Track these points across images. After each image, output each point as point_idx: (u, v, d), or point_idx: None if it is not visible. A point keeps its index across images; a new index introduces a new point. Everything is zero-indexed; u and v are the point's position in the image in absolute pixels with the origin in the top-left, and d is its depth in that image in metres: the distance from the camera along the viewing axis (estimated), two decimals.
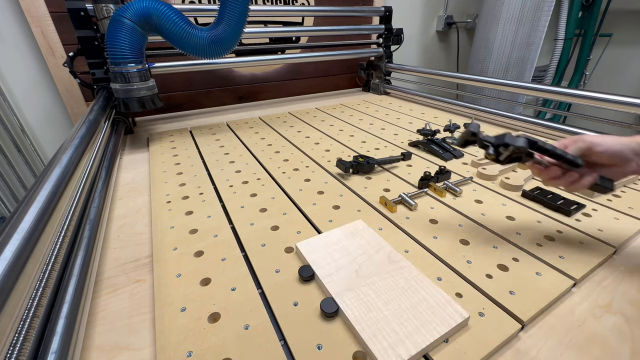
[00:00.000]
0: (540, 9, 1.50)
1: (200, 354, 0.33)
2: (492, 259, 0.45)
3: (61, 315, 0.31)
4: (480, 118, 1.10)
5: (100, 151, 0.70)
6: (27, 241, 0.29)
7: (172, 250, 0.48)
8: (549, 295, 0.39)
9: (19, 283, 0.25)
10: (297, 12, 1.29)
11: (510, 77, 1.63)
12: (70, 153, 0.49)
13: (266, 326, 0.36)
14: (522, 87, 0.97)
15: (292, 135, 0.98)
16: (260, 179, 0.70)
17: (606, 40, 2.14)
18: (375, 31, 1.47)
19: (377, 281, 0.40)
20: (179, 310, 0.38)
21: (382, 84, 1.53)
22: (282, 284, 0.42)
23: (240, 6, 0.79)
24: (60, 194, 0.39)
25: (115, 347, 0.35)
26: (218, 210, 0.59)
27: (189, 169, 0.76)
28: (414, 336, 0.33)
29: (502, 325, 0.35)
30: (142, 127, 1.13)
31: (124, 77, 0.82)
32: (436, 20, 1.92)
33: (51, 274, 0.34)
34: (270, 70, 1.45)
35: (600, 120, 0.92)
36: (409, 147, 0.87)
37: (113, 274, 0.45)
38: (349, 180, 0.69)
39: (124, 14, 0.75)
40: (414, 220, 0.55)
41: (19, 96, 1.08)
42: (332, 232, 0.50)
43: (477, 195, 0.62)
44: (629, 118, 2.01)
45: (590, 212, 0.56)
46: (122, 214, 0.59)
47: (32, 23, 0.98)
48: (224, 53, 0.85)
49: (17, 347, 0.24)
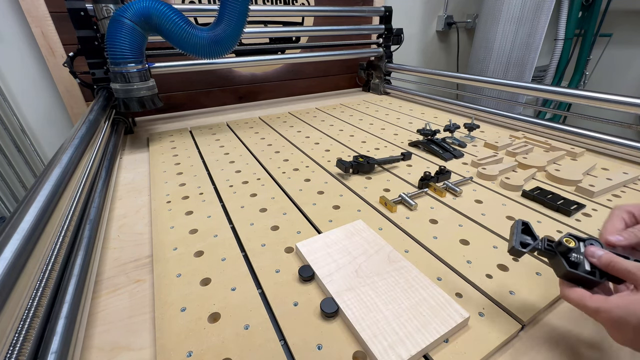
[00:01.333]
0: (540, 9, 1.50)
1: (200, 354, 0.33)
2: (492, 259, 0.45)
3: (61, 315, 0.31)
4: (480, 118, 1.10)
5: (100, 151, 0.70)
6: (27, 241, 0.29)
7: (172, 250, 0.48)
8: (549, 295, 0.39)
9: (19, 283, 0.25)
10: (297, 12, 1.29)
11: (510, 77, 1.63)
12: (70, 153, 0.49)
13: (266, 326, 0.36)
14: (522, 87, 0.97)
15: (292, 135, 0.98)
16: (260, 179, 0.70)
17: (606, 40, 2.14)
18: (375, 31, 1.47)
19: (377, 281, 0.40)
20: (179, 310, 0.38)
21: (382, 84, 1.53)
22: (282, 284, 0.42)
23: (240, 6, 0.79)
24: (60, 194, 0.39)
25: (115, 347, 0.35)
26: (218, 210, 0.59)
27: (189, 169, 0.76)
28: (414, 336, 0.33)
29: (502, 325, 0.35)
30: (142, 127, 1.13)
31: (124, 77, 0.82)
32: (436, 20, 1.92)
33: (51, 274, 0.34)
34: (270, 70, 1.45)
35: (600, 120, 0.92)
36: (409, 147, 0.87)
37: (113, 274, 0.45)
38: (349, 180, 0.69)
39: (124, 14, 0.75)
40: (414, 220, 0.55)
41: (19, 96, 1.08)
42: (332, 232, 0.50)
43: (477, 195, 0.62)
44: (629, 118, 2.01)
45: (590, 212, 0.56)
46: (122, 214, 0.59)
47: (32, 23, 0.98)
48: (224, 53, 0.85)
49: (17, 347, 0.24)
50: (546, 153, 0.80)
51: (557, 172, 0.68)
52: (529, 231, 0.34)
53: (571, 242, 0.31)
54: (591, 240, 0.31)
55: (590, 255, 0.30)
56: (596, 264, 0.30)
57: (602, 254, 0.30)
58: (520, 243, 0.33)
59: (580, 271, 0.30)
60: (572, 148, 0.81)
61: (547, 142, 0.84)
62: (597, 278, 0.29)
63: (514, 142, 0.87)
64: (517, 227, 0.34)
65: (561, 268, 0.31)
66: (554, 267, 0.32)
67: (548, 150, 0.82)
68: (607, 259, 0.29)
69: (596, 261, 0.30)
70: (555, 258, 0.32)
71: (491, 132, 0.99)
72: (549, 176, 0.68)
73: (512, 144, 0.84)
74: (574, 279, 0.30)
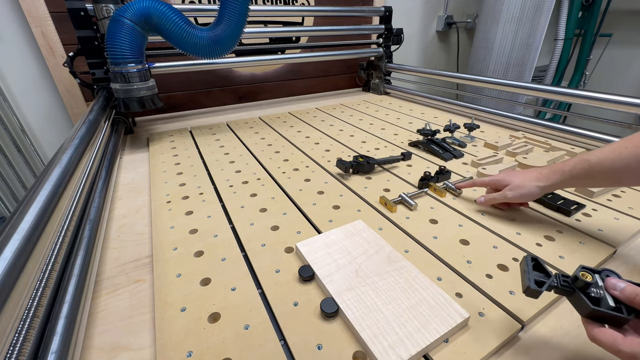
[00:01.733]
0: (540, 9, 1.50)
1: (200, 354, 0.33)
2: (492, 259, 0.45)
3: (61, 315, 0.31)
4: (480, 118, 1.10)
5: (100, 151, 0.70)
6: (27, 241, 0.29)
7: (172, 250, 0.48)
8: (549, 295, 0.39)
9: (19, 283, 0.25)
10: (297, 12, 1.29)
11: (510, 77, 1.63)
12: (70, 153, 0.49)
13: (266, 326, 0.36)
14: (522, 87, 0.97)
15: (292, 135, 0.98)
16: (260, 179, 0.70)
17: (606, 40, 2.14)
18: (375, 31, 1.47)
19: (377, 281, 0.40)
20: (179, 310, 0.38)
21: (382, 84, 1.53)
22: (282, 284, 0.42)
23: (240, 6, 0.79)
24: (60, 194, 0.39)
25: (115, 347, 0.35)
26: (218, 210, 0.59)
27: (189, 169, 0.76)
28: (414, 336, 0.33)
29: (502, 325, 0.35)
30: (142, 127, 1.13)
31: (124, 77, 0.82)
32: (436, 20, 1.92)
33: (51, 274, 0.34)
34: (270, 70, 1.45)
35: (600, 120, 0.92)
36: (409, 147, 0.87)
37: (113, 274, 0.45)
38: (349, 180, 0.69)
39: (124, 14, 0.75)
40: (414, 220, 0.55)
41: (19, 96, 1.08)
42: (332, 232, 0.50)
43: (477, 195, 0.62)
44: (629, 118, 2.01)
45: (590, 212, 0.56)
46: (122, 214, 0.59)
47: (32, 23, 0.98)
48: (224, 53, 0.85)
49: (17, 347, 0.24)
50: (546, 153, 0.80)
51: None
52: (540, 267, 0.32)
53: (587, 277, 0.29)
54: (607, 272, 0.30)
55: (611, 288, 0.28)
56: (619, 297, 0.28)
57: (624, 286, 0.28)
58: (535, 282, 0.31)
59: (605, 308, 0.27)
60: (572, 148, 0.81)
61: (547, 142, 0.84)
62: (625, 315, 0.27)
63: (514, 142, 0.87)
64: (527, 264, 0.32)
65: (584, 307, 0.28)
66: (575, 305, 0.30)
67: (548, 150, 0.82)
68: (631, 291, 0.27)
69: (619, 294, 0.28)
70: (574, 295, 0.30)
71: (491, 132, 0.99)
72: None
73: (512, 144, 0.84)
74: (599, 317, 0.28)
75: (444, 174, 0.68)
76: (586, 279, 0.29)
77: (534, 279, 0.31)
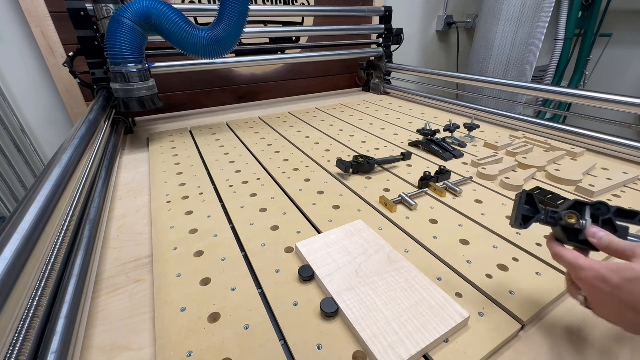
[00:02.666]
0: (540, 9, 1.50)
1: (200, 354, 0.33)
2: (492, 259, 0.45)
3: (61, 315, 0.31)
4: (480, 118, 1.10)
5: (100, 151, 0.70)
6: (27, 241, 0.29)
7: (172, 250, 0.48)
8: (549, 295, 0.39)
9: (19, 283, 0.25)
10: (297, 12, 1.29)
11: (510, 77, 1.63)
12: (70, 153, 0.49)
13: (266, 326, 0.36)
14: (522, 87, 0.97)
15: (292, 135, 0.98)
16: (260, 179, 0.70)
17: (606, 40, 2.14)
18: (375, 31, 1.47)
19: (377, 281, 0.40)
20: (179, 310, 0.38)
21: (382, 84, 1.53)
22: (282, 284, 0.42)
23: (240, 6, 0.79)
24: (60, 194, 0.39)
25: (115, 347, 0.35)
26: (218, 210, 0.59)
27: (189, 169, 0.76)
28: (414, 336, 0.33)
29: (502, 325, 0.35)
30: (142, 127, 1.13)
31: (124, 77, 0.82)
32: (436, 20, 1.92)
33: (51, 274, 0.34)
34: (270, 70, 1.45)
35: (600, 120, 0.92)
36: (409, 147, 0.87)
37: (113, 274, 0.45)
38: (349, 180, 0.69)
39: (124, 14, 0.75)
40: (414, 220, 0.55)
41: (19, 96, 1.08)
42: (332, 232, 0.50)
43: (477, 195, 0.62)
44: (629, 118, 2.01)
45: None
46: (122, 214, 0.59)
47: (32, 23, 0.98)
48: (224, 53, 0.85)
49: (17, 347, 0.24)
50: (546, 153, 0.80)
51: (557, 172, 0.68)
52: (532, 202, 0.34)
53: (572, 219, 0.31)
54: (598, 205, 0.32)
55: (591, 236, 0.31)
56: (596, 245, 0.30)
57: (603, 235, 0.30)
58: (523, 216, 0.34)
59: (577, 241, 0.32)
60: (572, 148, 0.81)
61: (547, 142, 0.84)
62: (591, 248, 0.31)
63: (514, 142, 0.87)
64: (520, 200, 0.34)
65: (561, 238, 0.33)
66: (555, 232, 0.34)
67: (548, 150, 0.82)
68: (607, 240, 0.30)
69: (596, 242, 0.30)
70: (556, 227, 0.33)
71: (491, 132, 0.99)
72: (549, 176, 0.68)
73: (512, 144, 0.84)
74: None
75: (444, 174, 0.68)
76: (570, 220, 0.31)
77: (523, 214, 0.34)
